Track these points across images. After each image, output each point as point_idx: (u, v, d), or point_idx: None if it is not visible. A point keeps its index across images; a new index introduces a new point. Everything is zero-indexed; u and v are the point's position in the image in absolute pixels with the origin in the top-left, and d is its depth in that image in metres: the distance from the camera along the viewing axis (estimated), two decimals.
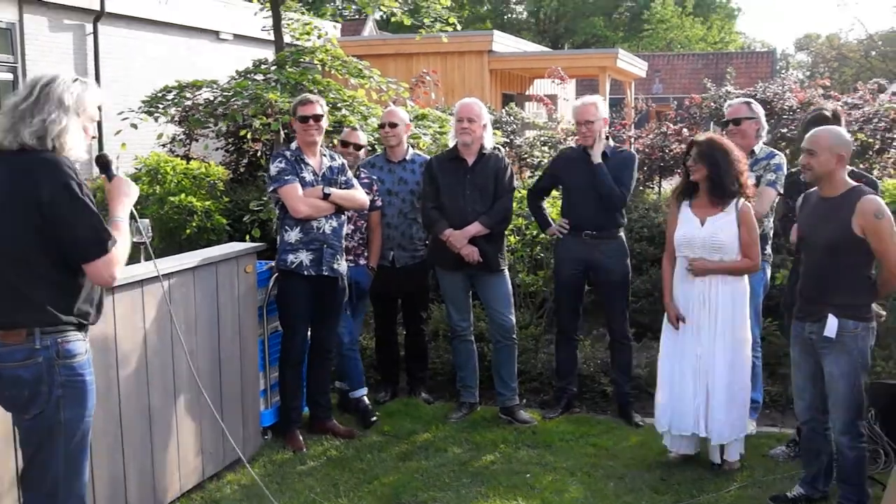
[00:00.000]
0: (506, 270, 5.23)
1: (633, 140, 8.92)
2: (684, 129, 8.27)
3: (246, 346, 4.58)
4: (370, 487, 4.28)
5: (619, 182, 5.07)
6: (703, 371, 4.33)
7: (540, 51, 19.93)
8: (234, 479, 4.35)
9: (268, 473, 4.41)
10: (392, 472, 4.46)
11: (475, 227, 5.01)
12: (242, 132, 7.91)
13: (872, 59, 37.86)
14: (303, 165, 4.71)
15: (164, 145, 8.98)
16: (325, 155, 4.83)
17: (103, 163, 3.05)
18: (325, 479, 4.37)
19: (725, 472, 4.37)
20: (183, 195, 6.97)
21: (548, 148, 9.05)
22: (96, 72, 11.81)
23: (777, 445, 4.69)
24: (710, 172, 4.28)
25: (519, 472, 4.44)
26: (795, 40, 77.08)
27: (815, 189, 3.90)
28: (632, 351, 5.37)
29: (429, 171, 5.20)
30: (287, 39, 8.62)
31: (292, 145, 4.82)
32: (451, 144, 5.28)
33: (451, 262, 5.10)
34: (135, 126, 7.47)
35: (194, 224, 6.84)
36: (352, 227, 5.17)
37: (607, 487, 4.27)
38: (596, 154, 5.09)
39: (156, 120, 7.72)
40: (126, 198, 2.98)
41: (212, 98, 7.72)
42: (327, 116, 4.91)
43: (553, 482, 4.32)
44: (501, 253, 5.19)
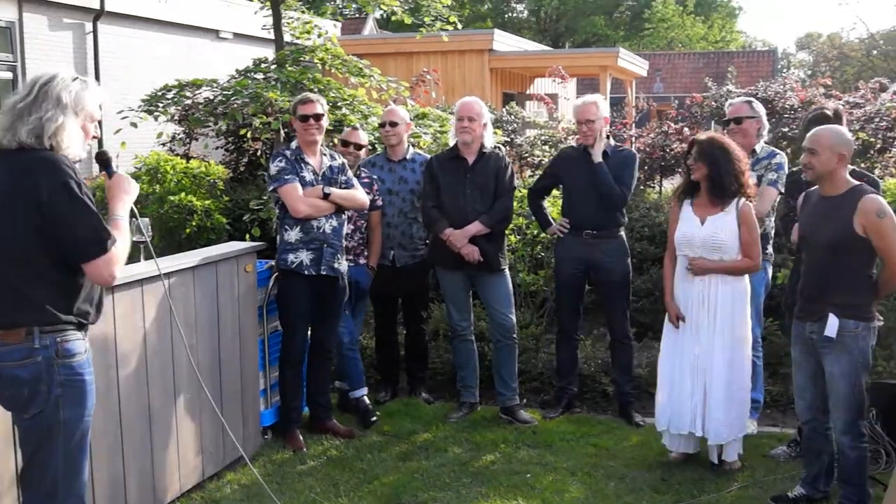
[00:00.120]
0: (506, 270, 5.22)
1: (633, 139, 8.90)
2: (685, 129, 8.25)
3: (246, 345, 4.57)
4: (370, 487, 4.27)
5: (620, 181, 5.06)
6: (700, 370, 4.32)
7: (541, 50, 19.92)
8: (234, 479, 4.34)
9: (268, 473, 4.40)
10: (392, 472, 4.45)
11: (475, 227, 5.00)
12: (242, 131, 7.90)
13: (874, 58, 37.81)
14: (303, 165, 4.70)
15: (163, 144, 8.97)
16: (325, 154, 4.82)
17: (104, 160, 3.04)
18: (325, 478, 4.37)
19: (726, 472, 4.36)
20: (183, 194, 6.96)
21: (548, 147, 9.03)
22: (96, 71, 11.79)
23: (778, 445, 4.69)
24: (709, 171, 4.27)
25: (519, 472, 4.43)
26: (797, 39, 77.15)
27: (816, 188, 3.89)
28: (632, 351, 5.36)
29: (429, 170, 5.19)
30: (287, 38, 8.59)
31: (292, 144, 4.81)
32: (451, 143, 5.27)
33: (451, 262, 5.09)
34: (135, 125, 7.47)
35: (194, 223, 6.83)
36: (352, 227, 5.16)
37: (608, 487, 4.26)
38: (596, 153, 5.08)
39: (156, 119, 7.71)
40: (126, 196, 2.96)
41: (212, 97, 7.71)
42: (327, 115, 4.90)
43: (553, 482, 4.32)
44: (502, 252, 5.18)
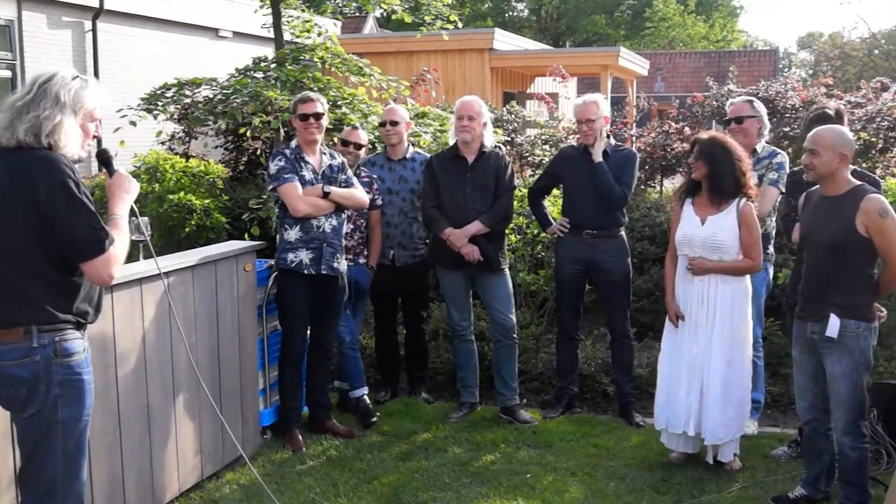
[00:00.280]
0: (506, 269, 5.21)
1: (634, 139, 8.89)
2: (686, 128, 8.24)
3: (245, 345, 4.56)
4: (370, 487, 4.26)
5: (620, 181, 5.04)
6: (698, 370, 4.31)
7: (541, 49, 19.87)
8: (233, 479, 4.33)
9: (267, 473, 4.39)
10: (392, 472, 4.44)
11: (475, 226, 4.98)
12: (242, 130, 7.89)
13: (875, 58, 37.82)
14: (302, 164, 4.69)
15: (163, 143, 8.96)
16: (324, 153, 4.81)
17: (104, 159, 3.03)
18: (325, 478, 4.35)
19: (727, 473, 4.35)
20: (182, 193, 6.96)
21: (549, 146, 9.02)
22: (95, 69, 11.78)
23: (779, 446, 4.68)
24: (710, 171, 4.25)
25: (519, 473, 4.42)
26: (798, 39, 77.07)
27: (817, 188, 3.88)
28: (633, 351, 5.35)
29: (429, 169, 5.18)
30: (287, 37, 8.58)
31: (292, 143, 4.80)
32: (451, 142, 5.25)
33: (451, 262, 5.08)
34: (134, 123, 7.46)
35: (193, 222, 6.82)
36: (351, 226, 5.15)
37: (608, 488, 4.25)
38: (597, 153, 5.07)
39: (155, 117, 7.70)
40: (127, 195, 2.95)
41: (211, 96, 7.69)
42: (327, 114, 4.89)
43: (554, 482, 4.31)
44: (502, 252, 5.17)
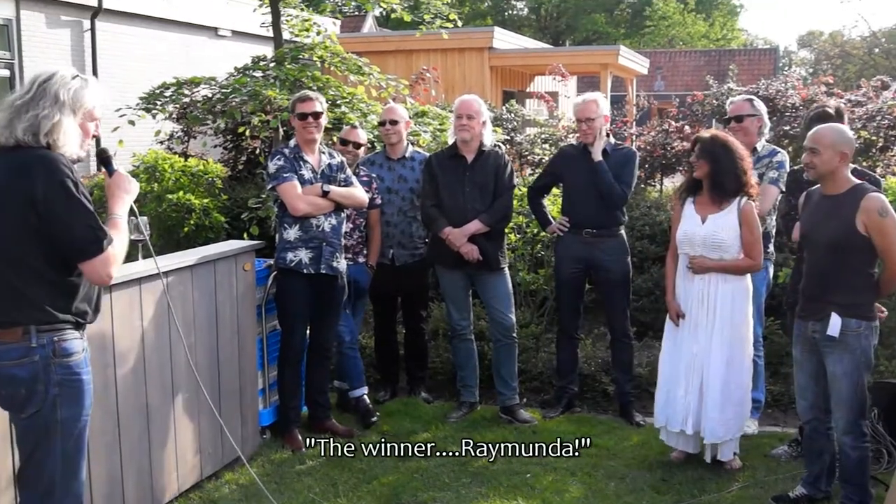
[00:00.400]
0: (506, 269, 5.20)
1: (634, 137, 8.88)
2: (686, 127, 8.25)
3: (244, 344, 4.55)
4: (369, 487, 4.25)
5: (620, 180, 5.03)
6: (697, 368, 4.30)
7: (541, 47, 19.86)
8: (232, 479, 4.32)
9: (266, 473, 4.38)
10: (392, 472, 4.43)
11: (475, 226, 4.97)
12: (241, 129, 7.88)
13: (876, 57, 37.81)
14: (301, 163, 4.68)
15: (161, 142, 8.94)
16: (323, 152, 4.80)
17: (104, 158, 3.02)
18: (324, 478, 4.35)
19: (727, 472, 4.35)
20: (181, 193, 6.94)
21: (548, 145, 9.01)
22: (94, 68, 11.75)
23: (779, 445, 4.67)
24: (711, 169, 4.25)
25: (519, 472, 4.42)
26: (798, 37, 77.03)
27: (817, 187, 3.87)
28: (633, 350, 5.34)
29: (428, 168, 5.17)
30: (286, 36, 8.56)
31: (291, 143, 4.79)
32: (450, 142, 5.24)
33: (450, 261, 5.07)
34: (132, 123, 7.45)
35: (192, 222, 6.81)
36: (351, 225, 5.14)
37: (608, 487, 4.24)
38: (596, 151, 5.06)
39: (153, 117, 7.69)
40: (126, 194, 2.94)
41: (210, 95, 7.68)
42: (326, 114, 4.88)
43: (554, 482, 4.30)
44: (502, 251, 5.16)
